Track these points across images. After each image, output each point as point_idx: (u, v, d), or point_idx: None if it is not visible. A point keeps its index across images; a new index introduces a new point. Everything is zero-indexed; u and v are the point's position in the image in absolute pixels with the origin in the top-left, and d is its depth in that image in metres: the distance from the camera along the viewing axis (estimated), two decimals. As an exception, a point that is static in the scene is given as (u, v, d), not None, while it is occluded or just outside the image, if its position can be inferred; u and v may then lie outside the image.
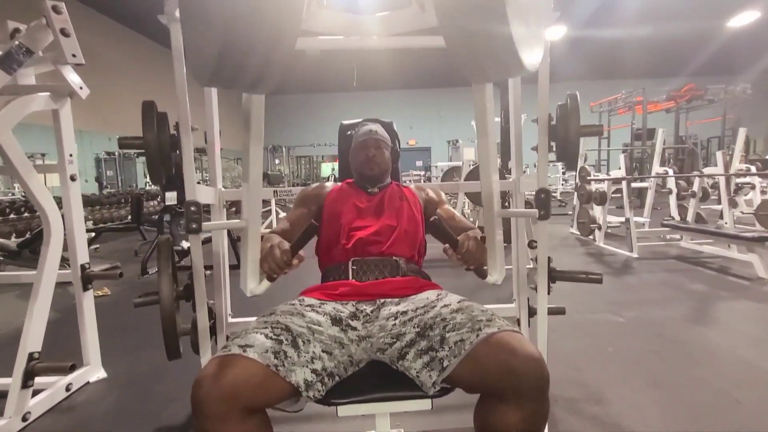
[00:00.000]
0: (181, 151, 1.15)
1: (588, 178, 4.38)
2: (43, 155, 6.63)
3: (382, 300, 1.00)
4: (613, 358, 1.86)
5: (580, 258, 3.93)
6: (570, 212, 6.15)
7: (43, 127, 1.72)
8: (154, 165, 1.08)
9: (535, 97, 1.17)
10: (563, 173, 10.67)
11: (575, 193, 4.99)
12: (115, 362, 1.90)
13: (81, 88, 1.65)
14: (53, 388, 1.61)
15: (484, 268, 0.98)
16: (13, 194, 6.60)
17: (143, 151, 1.11)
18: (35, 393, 1.56)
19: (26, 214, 4.99)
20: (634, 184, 4.42)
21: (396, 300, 1.00)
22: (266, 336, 0.82)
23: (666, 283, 3.03)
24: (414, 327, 0.89)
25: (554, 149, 1.30)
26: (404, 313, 0.93)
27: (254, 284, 0.95)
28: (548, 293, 1.33)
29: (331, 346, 0.87)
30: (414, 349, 0.85)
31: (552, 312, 1.37)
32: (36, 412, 1.51)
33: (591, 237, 4.68)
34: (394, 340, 0.89)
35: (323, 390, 0.82)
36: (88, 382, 1.76)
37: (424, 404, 0.87)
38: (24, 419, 1.45)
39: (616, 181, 4.34)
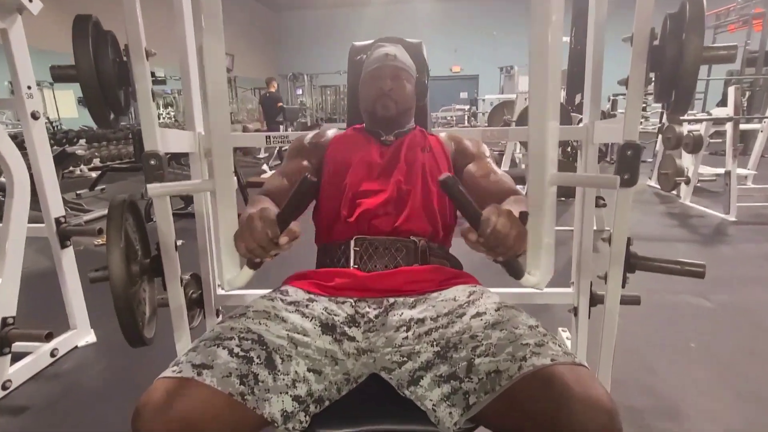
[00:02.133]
0: (133, 85, 0.97)
1: (680, 117, 3.84)
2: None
3: (391, 299, 0.82)
4: (697, 357, 1.64)
5: (658, 219, 3.56)
6: (649, 159, 5.59)
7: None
8: (94, 102, 0.91)
9: (617, 11, 0.87)
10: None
11: (658, 136, 4.44)
12: (108, 324, 1.89)
13: (31, 1, 1.47)
14: (37, 353, 1.63)
15: (519, 259, 0.67)
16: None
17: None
18: (19, 357, 1.58)
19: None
20: (742, 126, 3.83)
21: (410, 300, 0.82)
22: (231, 352, 0.67)
23: (771, 256, 2.67)
24: (432, 344, 0.72)
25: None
26: (420, 321, 0.76)
27: (232, 274, 0.73)
28: (623, 286, 1.11)
29: (321, 363, 0.72)
30: (431, 374, 0.69)
31: (623, 302, 1.18)
32: (18, 379, 1.54)
33: (675, 192, 4.22)
34: (405, 359, 0.72)
35: (307, 420, 0.69)
36: (76, 347, 1.78)
37: (440, 442, 0.72)
38: (4, 387, 1.48)
39: (718, 121, 3.78)
